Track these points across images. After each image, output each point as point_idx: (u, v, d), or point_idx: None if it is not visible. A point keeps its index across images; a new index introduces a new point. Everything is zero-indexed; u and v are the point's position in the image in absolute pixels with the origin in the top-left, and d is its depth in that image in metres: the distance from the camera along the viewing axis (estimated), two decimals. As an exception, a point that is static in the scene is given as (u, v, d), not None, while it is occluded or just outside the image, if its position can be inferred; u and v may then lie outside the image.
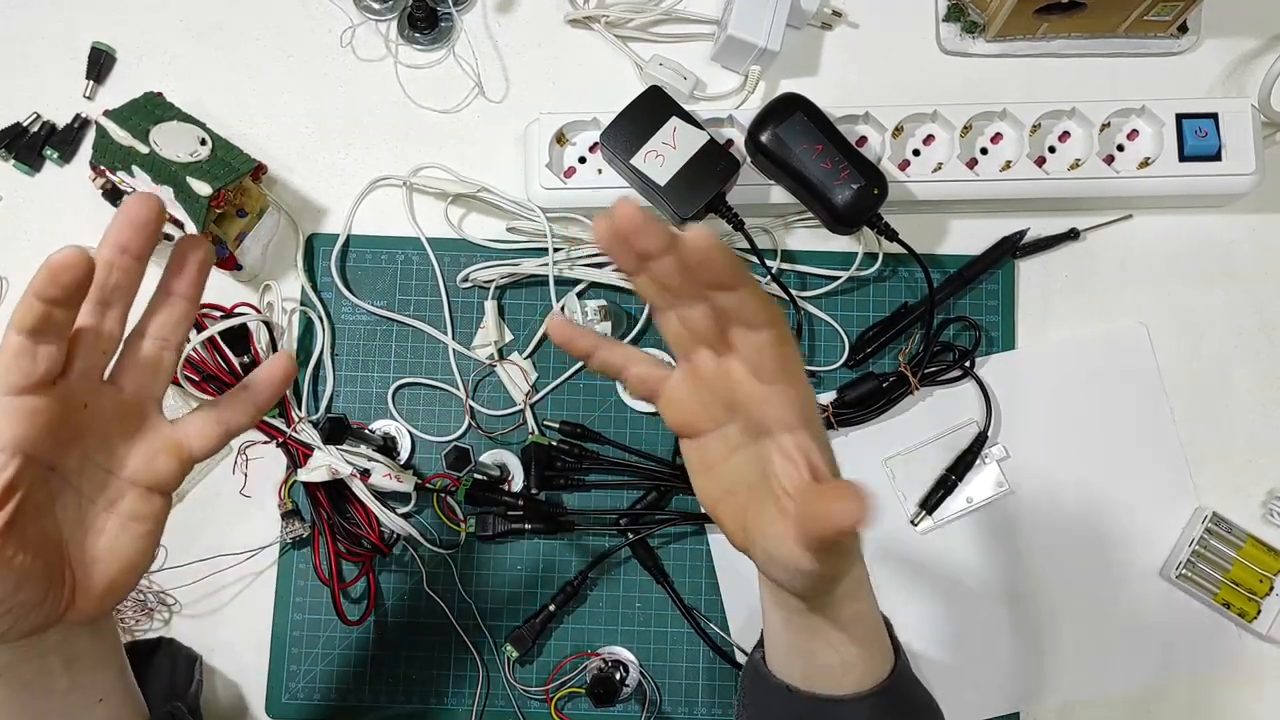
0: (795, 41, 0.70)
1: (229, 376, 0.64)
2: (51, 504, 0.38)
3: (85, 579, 0.39)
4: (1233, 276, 0.68)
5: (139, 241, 0.37)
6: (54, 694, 0.42)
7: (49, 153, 0.68)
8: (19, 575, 0.36)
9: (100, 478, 0.40)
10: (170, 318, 0.40)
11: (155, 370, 0.40)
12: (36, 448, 0.36)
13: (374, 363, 0.67)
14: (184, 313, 0.40)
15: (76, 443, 0.39)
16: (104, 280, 0.37)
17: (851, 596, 0.43)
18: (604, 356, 0.41)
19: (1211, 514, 0.65)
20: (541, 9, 0.71)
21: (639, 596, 0.65)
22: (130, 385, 0.40)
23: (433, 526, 0.65)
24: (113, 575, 0.40)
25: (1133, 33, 0.69)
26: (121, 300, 0.38)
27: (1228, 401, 0.67)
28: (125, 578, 0.40)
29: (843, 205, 0.62)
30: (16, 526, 0.36)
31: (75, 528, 0.39)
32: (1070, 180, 0.65)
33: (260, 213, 0.65)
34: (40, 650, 0.41)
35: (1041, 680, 0.65)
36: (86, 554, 0.39)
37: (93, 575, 0.39)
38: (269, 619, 0.65)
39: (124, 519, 0.40)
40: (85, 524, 0.39)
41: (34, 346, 0.35)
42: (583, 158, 0.66)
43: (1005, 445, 0.66)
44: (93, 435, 0.39)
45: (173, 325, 0.40)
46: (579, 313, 0.64)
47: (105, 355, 0.39)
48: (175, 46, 0.70)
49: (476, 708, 0.64)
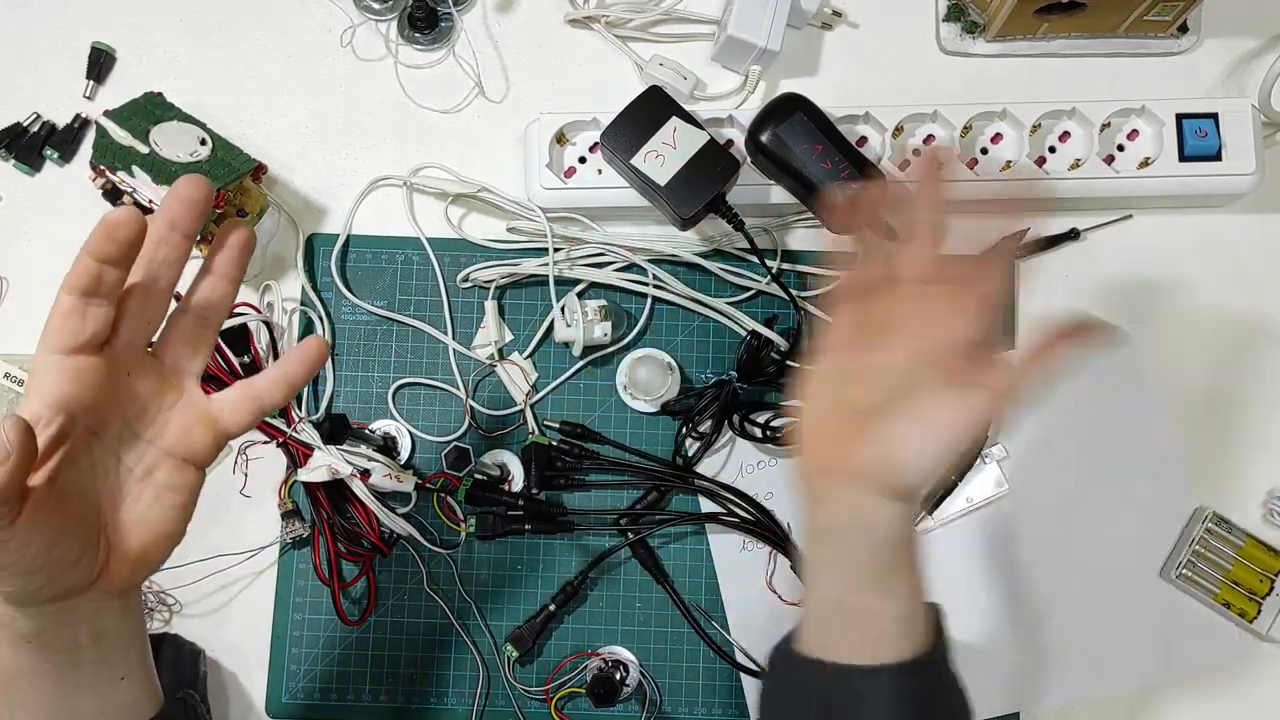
0: (795, 41, 0.70)
1: (229, 376, 0.64)
2: (92, 467, 0.39)
3: (120, 545, 0.40)
4: (1233, 276, 0.68)
5: (189, 219, 0.39)
6: (82, 666, 0.43)
7: (49, 153, 0.68)
8: (57, 531, 0.37)
9: (139, 447, 0.41)
10: (212, 295, 0.42)
11: (196, 346, 0.42)
12: (81, 407, 0.37)
13: (374, 363, 0.67)
14: (224, 293, 0.42)
15: (117, 409, 0.40)
16: (152, 254, 0.39)
17: (906, 548, 0.45)
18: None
19: (1211, 514, 0.65)
20: (541, 9, 0.71)
21: (639, 596, 0.65)
22: (170, 358, 0.42)
23: (433, 526, 0.65)
24: (146, 544, 0.41)
25: (1133, 33, 0.69)
26: (168, 274, 0.40)
27: (1227, 401, 0.67)
28: (158, 548, 0.41)
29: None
30: (58, 483, 0.36)
31: (112, 494, 0.40)
32: (1070, 180, 0.65)
33: (260, 213, 0.65)
34: (72, 619, 0.41)
35: (1041, 680, 0.65)
36: (121, 521, 0.40)
37: (127, 542, 0.40)
38: (269, 619, 0.65)
39: (159, 489, 0.41)
40: (122, 492, 0.40)
41: (84, 307, 0.37)
42: (583, 158, 0.66)
43: (1005, 445, 0.66)
44: (133, 404, 0.40)
45: (214, 303, 0.42)
46: (579, 313, 0.64)
47: (150, 326, 0.40)
48: (175, 46, 0.70)
49: (476, 707, 0.64)
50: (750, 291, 0.67)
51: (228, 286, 0.42)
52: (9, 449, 0.32)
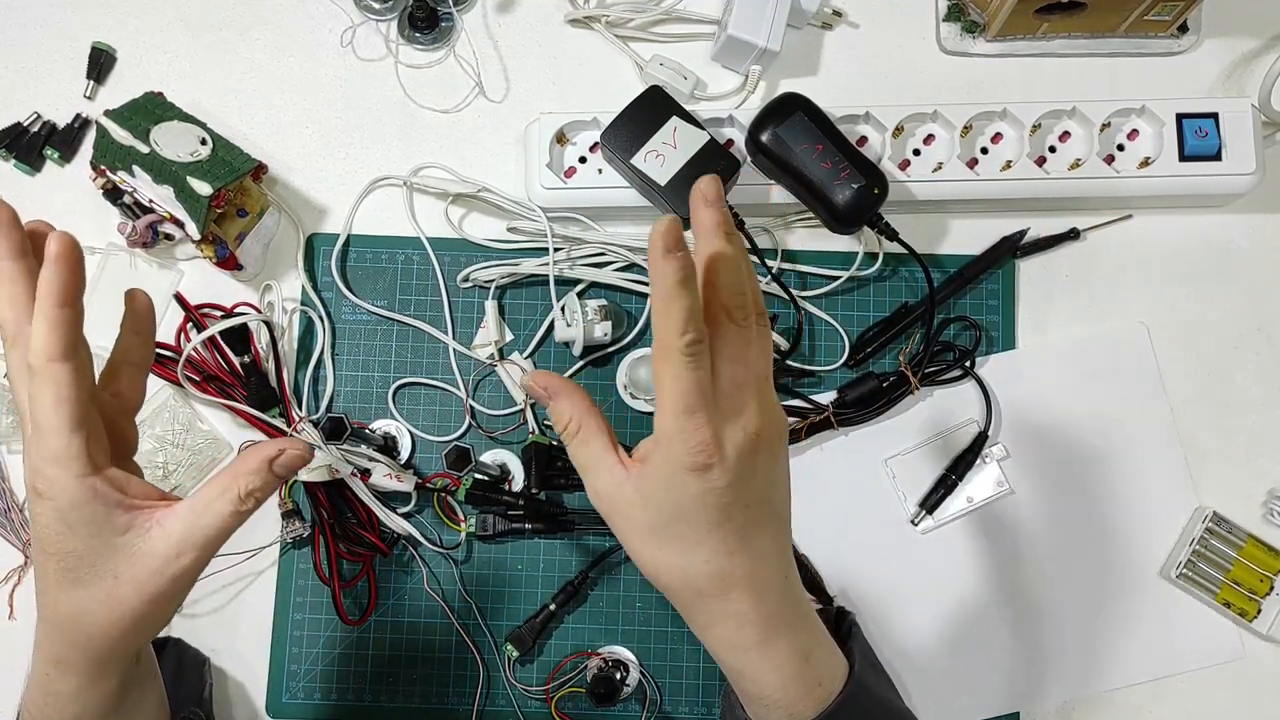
0: (795, 41, 0.70)
1: (229, 376, 0.64)
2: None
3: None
4: (1232, 276, 0.68)
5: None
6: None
7: (49, 153, 0.68)
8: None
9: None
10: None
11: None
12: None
13: (374, 363, 0.67)
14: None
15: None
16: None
17: (719, 622, 0.42)
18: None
19: (1211, 514, 0.65)
20: (541, 9, 0.71)
21: (639, 596, 0.65)
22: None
23: (433, 526, 0.65)
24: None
25: (1133, 33, 0.69)
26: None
27: (1228, 401, 0.67)
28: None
29: (843, 205, 0.62)
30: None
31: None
32: (1070, 180, 0.65)
33: (260, 213, 0.65)
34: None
35: (1041, 680, 0.65)
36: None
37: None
38: (269, 619, 0.65)
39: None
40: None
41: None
42: (583, 157, 0.66)
43: (1005, 445, 0.66)
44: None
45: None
46: (579, 312, 0.64)
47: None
48: (175, 46, 0.70)
49: (476, 707, 0.64)
50: (750, 291, 0.67)
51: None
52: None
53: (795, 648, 0.42)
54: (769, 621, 0.42)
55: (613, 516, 0.42)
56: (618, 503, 0.41)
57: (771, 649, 0.42)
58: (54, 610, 0.42)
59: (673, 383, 0.38)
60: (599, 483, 0.42)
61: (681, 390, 0.38)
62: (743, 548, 0.40)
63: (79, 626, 0.42)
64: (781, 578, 0.43)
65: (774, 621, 0.42)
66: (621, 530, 0.42)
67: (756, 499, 0.41)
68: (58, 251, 0.39)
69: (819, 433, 0.66)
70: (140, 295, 0.46)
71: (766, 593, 0.42)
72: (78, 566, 0.40)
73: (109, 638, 0.42)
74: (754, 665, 0.42)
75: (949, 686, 0.64)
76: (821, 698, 0.43)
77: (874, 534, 0.66)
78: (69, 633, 0.42)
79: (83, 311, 0.40)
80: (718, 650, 0.43)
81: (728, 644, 0.42)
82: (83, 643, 0.42)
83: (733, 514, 0.40)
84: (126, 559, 0.40)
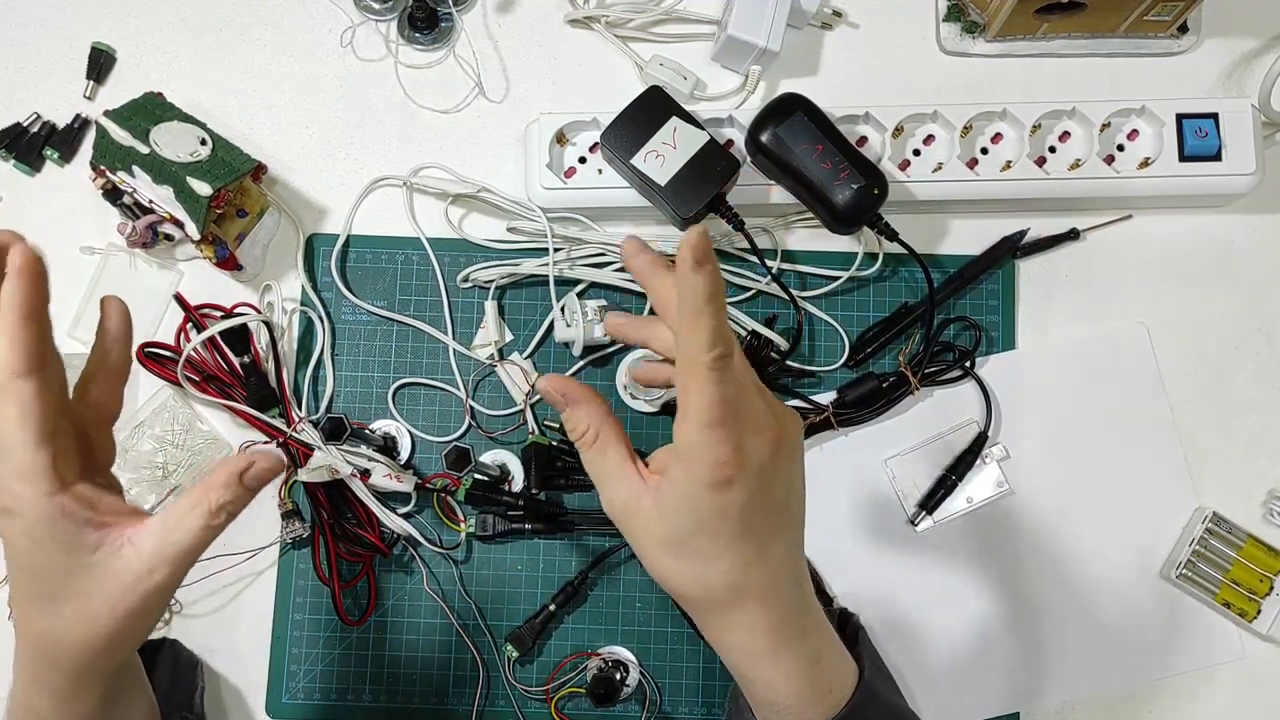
0: (795, 41, 0.70)
1: (229, 376, 0.64)
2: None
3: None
4: (1232, 276, 0.68)
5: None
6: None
7: (49, 153, 0.68)
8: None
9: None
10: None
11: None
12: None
13: (374, 363, 0.67)
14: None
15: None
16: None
17: (733, 628, 0.42)
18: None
19: (1211, 514, 0.65)
20: (541, 9, 0.71)
21: (639, 597, 0.65)
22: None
23: (433, 526, 0.65)
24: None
25: (1133, 33, 0.69)
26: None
27: (1228, 401, 0.67)
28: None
29: (843, 205, 0.62)
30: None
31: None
32: (1070, 180, 0.65)
33: (260, 213, 0.65)
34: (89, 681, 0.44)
35: (1041, 680, 0.65)
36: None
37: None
38: (269, 619, 0.65)
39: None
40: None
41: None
42: (583, 158, 0.66)
43: (1005, 445, 0.66)
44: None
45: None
46: (579, 312, 0.64)
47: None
48: (175, 46, 0.70)
49: (476, 708, 0.64)
50: (750, 291, 0.67)
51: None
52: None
53: (807, 654, 0.43)
54: (781, 629, 0.42)
55: (628, 527, 0.42)
56: (634, 514, 0.41)
57: (784, 656, 0.42)
58: (28, 628, 0.42)
59: (698, 396, 0.38)
60: (615, 494, 0.41)
61: (707, 404, 0.37)
62: (760, 559, 0.41)
63: (53, 644, 0.41)
64: (795, 585, 0.43)
65: (786, 629, 0.42)
66: (637, 540, 0.42)
67: (776, 506, 0.41)
68: (20, 265, 0.38)
69: (819, 433, 0.66)
70: (115, 302, 0.45)
71: (780, 601, 0.42)
72: (49, 584, 0.40)
73: (84, 655, 0.41)
74: (766, 672, 0.42)
75: (949, 686, 0.64)
76: (832, 704, 0.43)
77: (873, 534, 0.66)
78: (44, 650, 0.42)
79: (49, 324, 0.40)
80: (730, 657, 0.43)
81: (741, 651, 0.43)
82: (59, 661, 0.42)
83: (753, 525, 0.40)
84: (98, 577, 0.40)
